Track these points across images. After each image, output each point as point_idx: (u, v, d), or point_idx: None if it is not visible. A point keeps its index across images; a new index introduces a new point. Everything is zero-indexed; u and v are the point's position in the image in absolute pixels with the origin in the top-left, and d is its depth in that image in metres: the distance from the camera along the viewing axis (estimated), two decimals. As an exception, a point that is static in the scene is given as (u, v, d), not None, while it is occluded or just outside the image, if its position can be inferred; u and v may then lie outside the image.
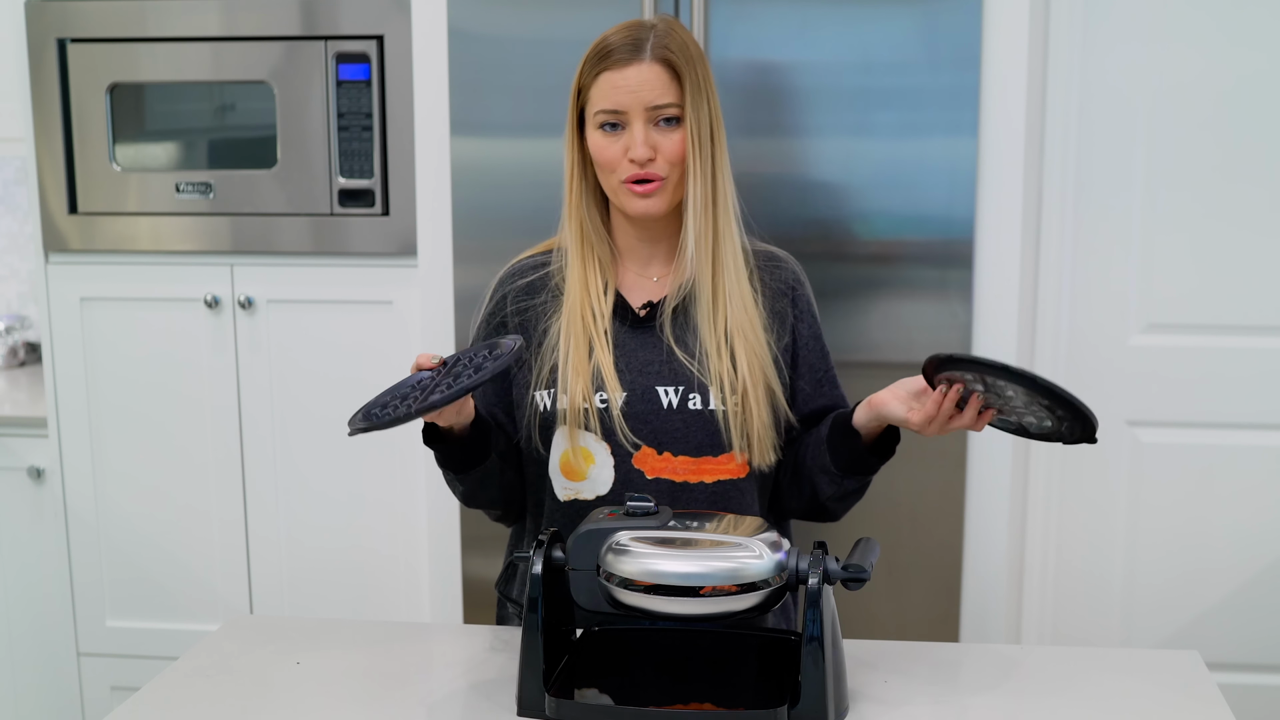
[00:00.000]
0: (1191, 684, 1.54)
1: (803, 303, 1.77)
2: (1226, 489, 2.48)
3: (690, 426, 1.68)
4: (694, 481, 1.69)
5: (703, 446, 1.68)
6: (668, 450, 1.69)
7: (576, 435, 1.68)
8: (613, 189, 1.68)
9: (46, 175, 2.60)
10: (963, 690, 1.55)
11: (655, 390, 1.69)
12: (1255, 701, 2.49)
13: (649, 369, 1.70)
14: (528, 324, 1.75)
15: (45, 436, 2.70)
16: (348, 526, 2.63)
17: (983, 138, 2.28)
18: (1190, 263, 2.44)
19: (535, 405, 1.71)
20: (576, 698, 1.45)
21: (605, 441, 1.68)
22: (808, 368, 1.76)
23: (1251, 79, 2.38)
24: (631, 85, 1.63)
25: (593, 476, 1.69)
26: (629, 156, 1.64)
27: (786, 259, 1.80)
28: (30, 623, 2.79)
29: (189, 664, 1.60)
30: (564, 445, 1.70)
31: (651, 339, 1.71)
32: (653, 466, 1.69)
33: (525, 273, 1.79)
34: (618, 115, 1.64)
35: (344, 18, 2.48)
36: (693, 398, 1.68)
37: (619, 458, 1.68)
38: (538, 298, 1.76)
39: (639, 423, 1.68)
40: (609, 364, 1.68)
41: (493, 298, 1.80)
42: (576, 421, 1.67)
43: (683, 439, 1.68)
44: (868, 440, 1.67)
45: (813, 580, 1.40)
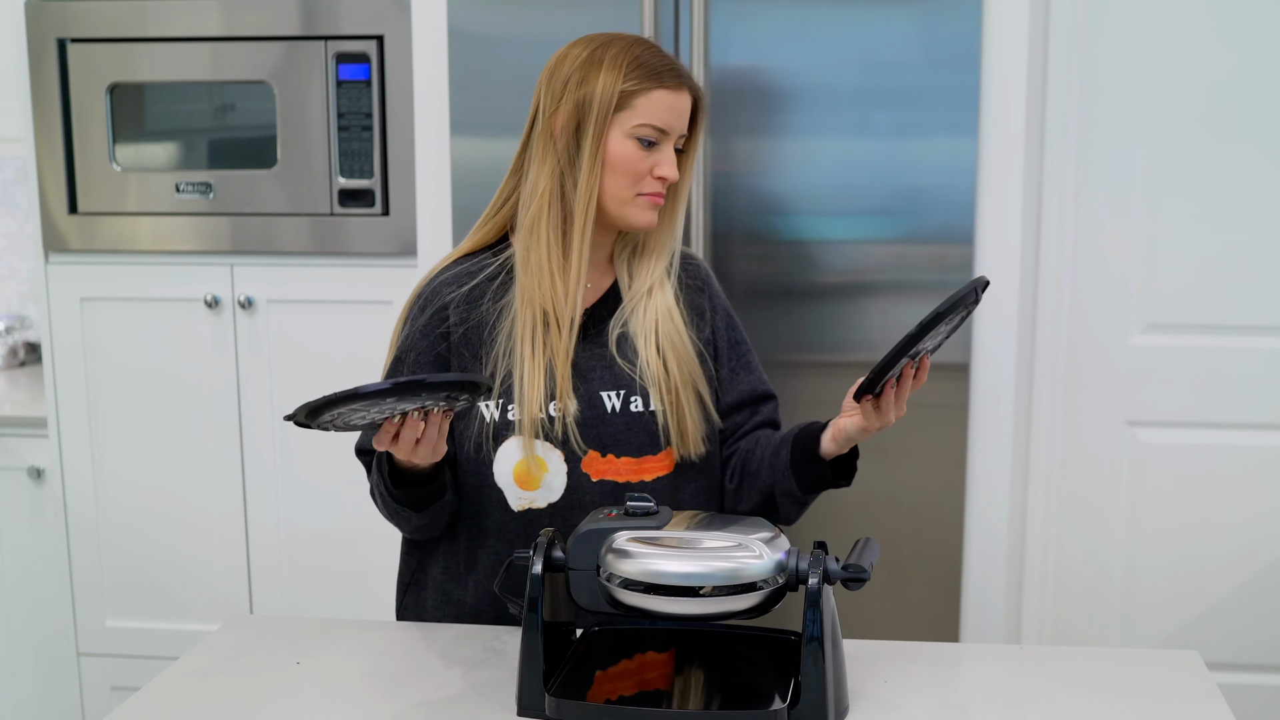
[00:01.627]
0: (1191, 684, 1.54)
1: (716, 296, 1.84)
2: (1226, 489, 2.48)
3: (632, 428, 1.72)
4: (635, 480, 1.72)
5: (643, 447, 1.73)
6: (611, 452, 1.72)
7: (533, 445, 1.69)
8: (623, 199, 1.70)
9: (46, 175, 2.60)
10: (963, 690, 1.55)
11: (600, 395, 1.72)
12: (1255, 701, 2.49)
13: (592, 375, 1.72)
14: (471, 335, 1.72)
15: (45, 436, 2.70)
16: (348, 527, 2.63)
17: (983, 138, 2.28)
18: (1190, 263, 2.44)
19: (481, 417, 1.71)
20: (576, 698, 1.45)
21: (559, 449, 1.70)
22: (726, 357, 1.82)
23: (1252, 79, 2.38)
24: (681, 110, 1.71)
25: (546, 484, 1.71)
26: (658, 173, 1.69)
27: (696, 258, 1.87)
28: (30, 623, 2.79)
29: (189, 664, 1.60)
30: (518, 455, 1.70)
31: (591, 346, 1.74)
32: (598, 469, 1.71)
33: (462, 280, 1.75)
34: (661, 134, 1.69)
35: (344, 18, 2.48)
36: (634, 400, 1.72)
37: (570, 463, 1.71)
38: (479, 306, 1.73)
39: (587, 428, 1.71)
40: (567, 375, 1.70)
41: (425, 309, 1.75)
42: (534, 431, 1.68)
43: (625, 441, 1.72)
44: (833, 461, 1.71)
45: (813, 580, 1.40)
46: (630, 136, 1.68)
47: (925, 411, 2.26)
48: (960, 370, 2.33)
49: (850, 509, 2.30)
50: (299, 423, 1.40)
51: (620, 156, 1.68)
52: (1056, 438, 2.51)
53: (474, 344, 1.72)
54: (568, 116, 1.69)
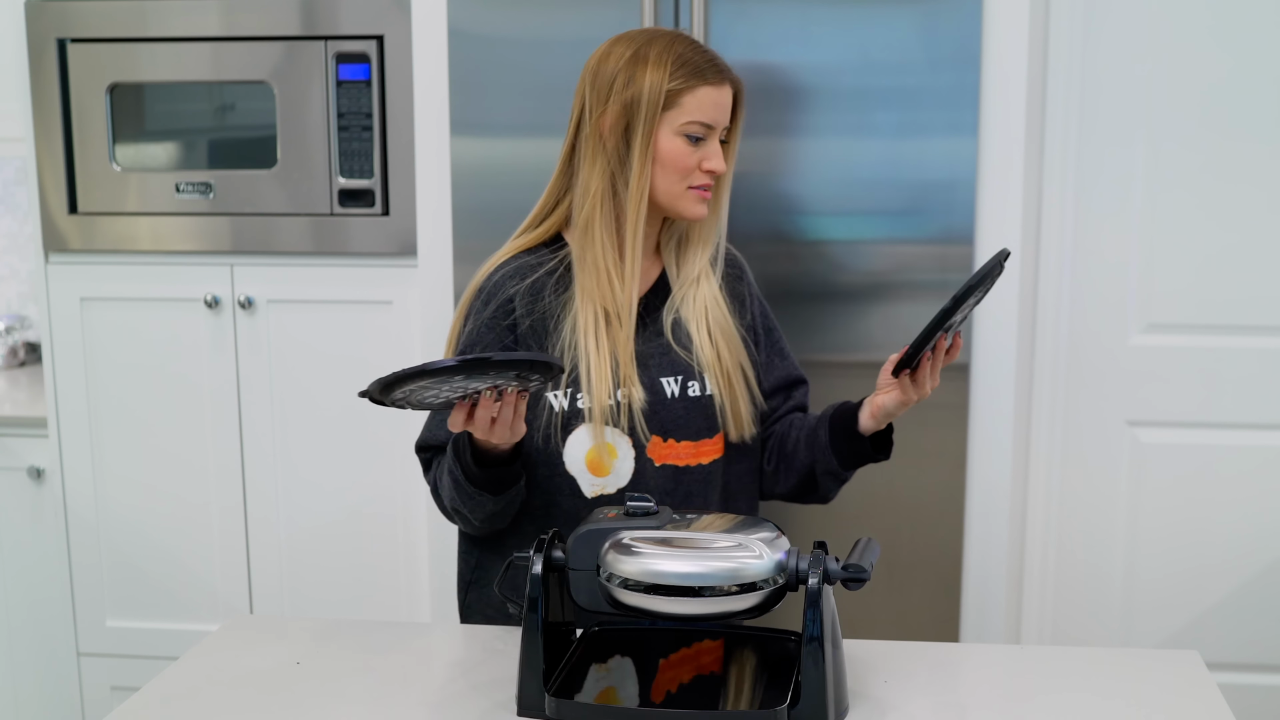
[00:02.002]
0: (1191, 684, 1.54)
1: (751, 285, 1.92)
2: (1226, 489, 2.48)
3: (690, 413, 1.78)
4: (693, 465, 1.78)
5: (700, 430, 1.79)
6: (672, 437, 1.77)
7: (603, 432, 1.74)
8: (675, 194, 1.76)
9: (46, 175, 2.60)
10: (963, 690, 1.55)
11: (660, 381, 1.78)
12: (1255, 701, 2.49)
13: (650, 362, 1.78)
14: (537, 326, 1.77)
15: (45, 436, 2.70)
16: (348, 527, 2.63)
17: (983, 138, 2.28)
18: (1190, 262, 2.44)
19: (550, 407, 1.75)
20: (576, 698, 1.45)
21: (627, 435, 1.75)
22: (763, 343, 1.89)
23: (1252, 79, 2.38)
24: (723, 104, 1.76)
25: (616, 470, 1.76)
26: (706, 167, 1.75)
27: (731, 249, 1.93)
28: (30, 623, 2.79)
29: (189, 664, 1.60)
30: (589, 443, 1.75)
31: (648, 334, 1.80)
32: (661, 454, 1.77)
33: (525, 273, 1.80)
34: (708, 129, 1.75)
35: (344, 18, 2.48)
36: (691, 385, 1.78)
37: (637, 449, 1.76)
38: (543, 299, 1.78)
39: (650, 414, 1.77)
40: (632, 367, 1.76)
41: (489, 303, 1.78)
42: (604, 419, 1.73)
43: (684, 425, 1.78)
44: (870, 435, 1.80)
45: (813, 580, 1.40)
46: (679, 134, 1.74)
47: (925, 411, 2.25)
48: (960, 370, 2.33)
49: (850, 509, 2.30)
50: (373, 399, 1.44)
51: (670, 153, 1.74)
52: (1056, 438, 2.51)
53: (540, 335, 1.77)
54: (616, 117, 1.73)
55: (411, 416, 2.58)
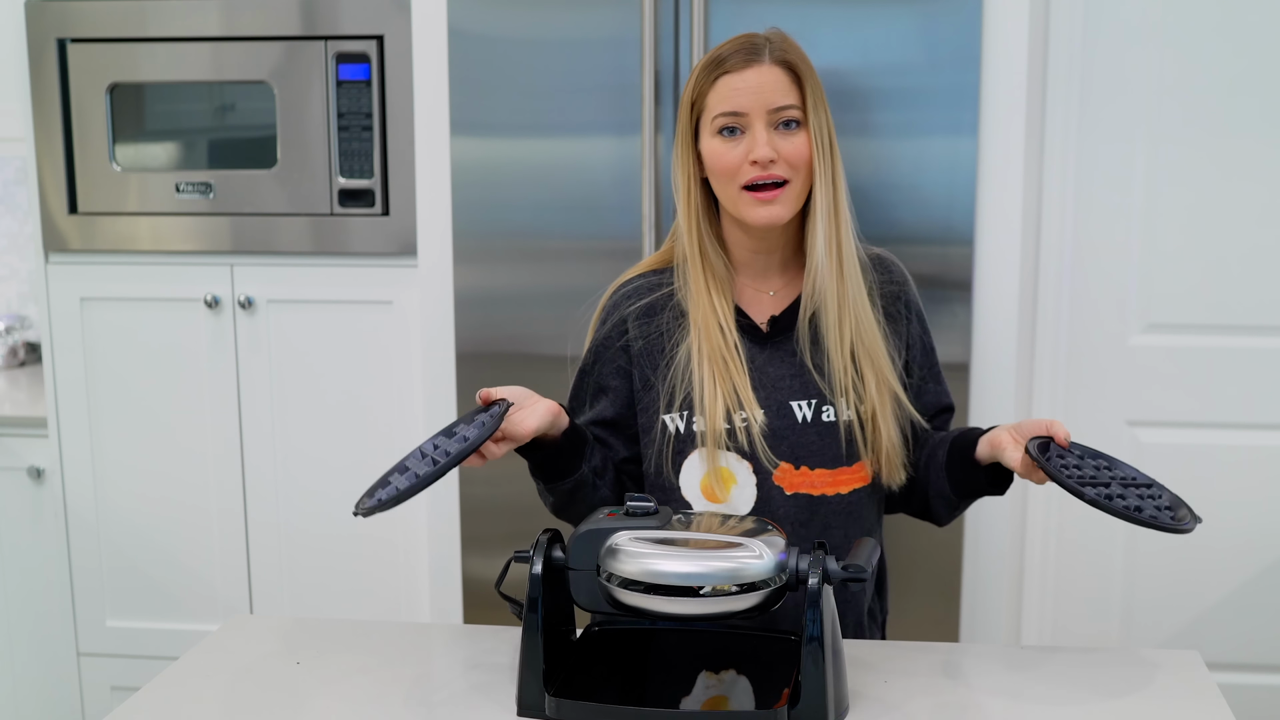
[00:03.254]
0: (1191, 684, 1.54)
1: (912, 304, 1.76)
2: (1226, 489, 2.48)
3: (825, 439, 1.67)
4: (830, 494, 1.68)
5: (838, 458, 1.67)
6: (805, 464, 1.67)
7: (717, 456, 1.65)
8: (732, 199, 1.64)
9: (46, 175, 2.60)
10: (963, 690, 1.55)
11: (789, 405, 1.67)
12: (1255, 701, 2.49)
13: (781, 384, 1.68)
14: (652, 347, 1.71)
15: (45, 436, 2.70)
16: (348, 527, 2.63)
17: (983, 138, 2.28)
18: (1190, 262, 2.44)
19: (666, 429, 1.69)
20: (576, 698, 1.45)
21: (746, 461, 1.66)
22: (916, 366, 1.76)
23: (1252, 78, 2.38)
24: (752, 86, 1.62)
25: (734, 497, 1.67)
26: (751, 158, 1.61)
27: (892, 258, 1.78)
28: (30, 623, 2.79)
29: (189, 664, 1.60)
30: (703, 468, 1.67)
31: (779, 354, 1.69)
32: (791, 482, 1.67)
33: (642, 294, 1.74)
34: (737, 118, 1.62)
35: (344, 18, 2.48)
36: (826, 410, 1.67)
37: (760, 475, 1.66)
38: (660, 317, 1.72)
39: (777, 439, 1.66)
40: (746, 384, 1.65)
41: (607, 320, 1.75)
42: (718, 443, 1.64)
43: (819, 452, 1.67)
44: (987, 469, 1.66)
45: (813, 580, 1.40)
46: (714, 134, 1.64)
47: (925, 411, 2.26)
48: (960, 370, 2.33)
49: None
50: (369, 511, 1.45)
51: (712, 156, 1.64)
52: (1056, 438, 2.51)
53: (654, 356, 1.71)
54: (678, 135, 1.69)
55: (410, 419, 2.58)
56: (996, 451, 1.61)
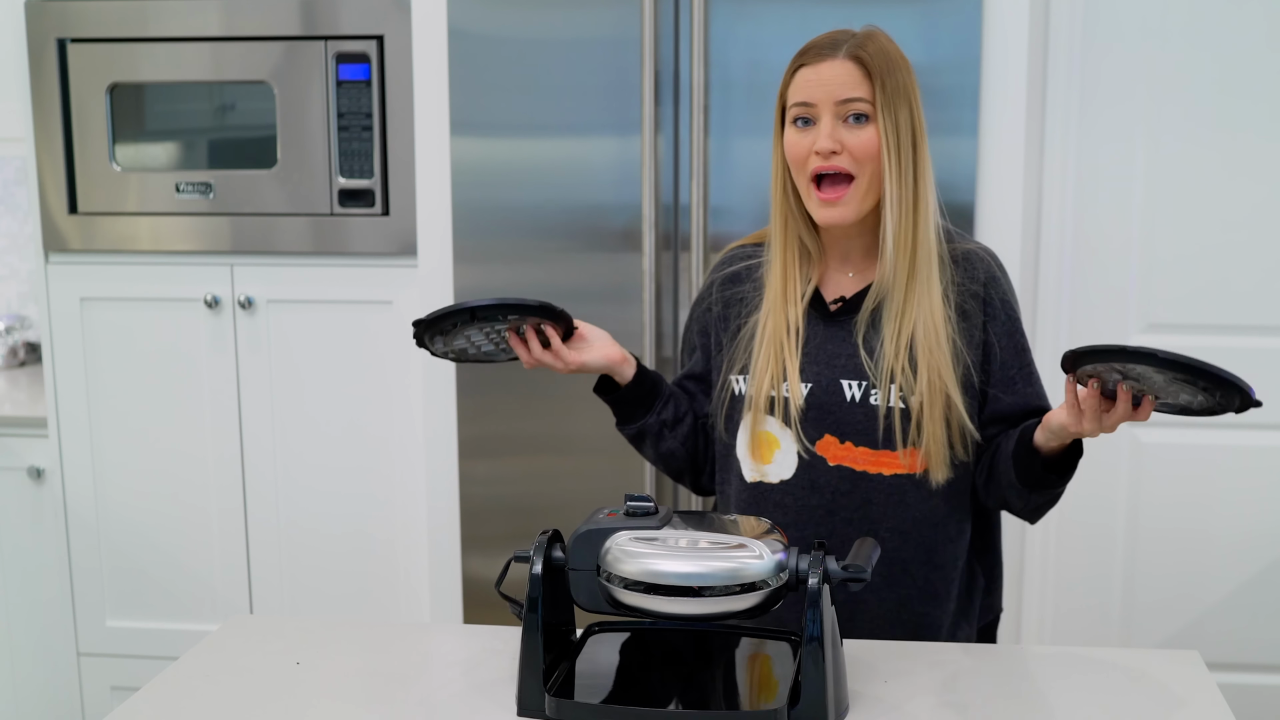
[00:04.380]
0: (1191, 684, 1.54)
1: (995, 301, 1.74)
2: (1226, 489, 2.48)
3: (871, 420, 1.71)
4: (873, 473, 1.72)
5: (880, 440, 1.71)
6: (849, 440, 1.72)
7: (761, 419, 1.74)
8: (804, 190, 1.70)
9: (46, 175, 2.60)
10: (963, 690, 1.55)
11: (839, 383, 1.73)
12: (1255, 701, 2.49)
13: (835, 362, 1.73)
14: (730, 312, 1.81)
15: (45, 436, 2.70)
16: (348, 527, 2.63)
17: (983, 138, 2.28)
18: (1190, 262, 2.44)
19: (729, 387, 1.79)
20: (576, 698, 1.45)
21: (788, 428, 1.73)
22: (998, 365, 1.74)
23: (1251, 78, 2.38)
24: (823, 79, 1.67)
25: (777, 461, 1.74)
26: (814, 149, 1.66)
27: (981, 256, 1.77)
28: (30, 623, 2.79)
29: (189, 664, 1.60)
30: (749, 430, 1.76)
31: (841, 333, 1.74)
32: (835, 454, 1.72)
33: (734, 261, 1.84)
34: (808, 109, 1.67)
35: (344, 18, 2.48)
36: (875, 393, 1.71)
37: (803, 444, 1.73)
38: (741, 287, 1.81)
39: (823, 413, 1.72)
40: (795, 364, 1.73)
41: (707, 281, 1.87)
42: (761, 408, 1.73)
43: (864, 431, 1.71)
44: (1050, 455, 1.64)
45: (813, 580, 1.40)
46: (791, 124, 1.70)
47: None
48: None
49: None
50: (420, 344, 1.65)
51: (786, 145, 1.71)
52: (1056, 438, 2.51)
53: (728, 321, 1.80)
54: None
55: (410, 419, 2.58)
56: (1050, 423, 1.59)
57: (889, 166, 1.67)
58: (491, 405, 2.45)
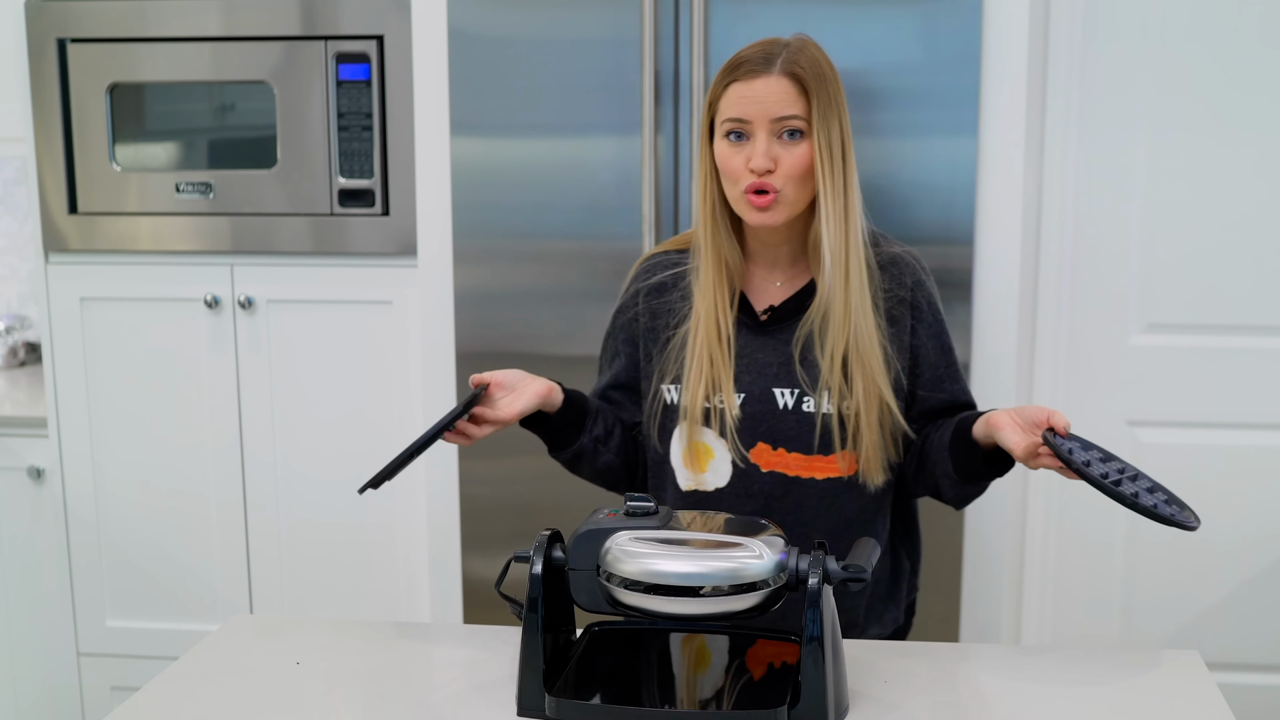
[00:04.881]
0: (1191, 684, 1.54)
1: (923, 304, 1.79)
2: (1226, 489, 2.48)
3: (804, 426, 1.74)
4: (806, 477, 1.75)
5: (814, 446, 1.75)
6: (782, 447, 1.75)
7: (696, 431, 1.75)
8: (735, 199, 1.72)
9: (46, 175, 2.60)
10: (963, 690, 1.55)
11: (772, 392, 1.75)
12: (1255, 701, 2.49)
13: (768, 371, 1.76)
14: (658, 322, 1.81)
15: (45, 436, 2.70)
16: (348, 527, 2.63)
17: (983, 138, 2.28)
18: (1190, 262, 2.44)
19: (660, 398, 1.80)
20: (576, 698, 1.45)
21: (723, 439, 1.76)
22: (927, 366, 1.80)
23: (1251, 78, 2.38)
24: (758, 96, 1.67)
25: (713, 470, 1.77)
26: (749, 167, 1.68)
27: (908, 260, 1.80)
28: (30, 623, 2.79)
29: (189, 664, 1.60)
30: (684, 441, 1.77)
31: (773, 343, 1.77)
32: (768, 461, 1.76)
33: (657, 270, 1.84)
34: (742, 125, 1.69)
35: (344, 18, 2.48)
36: (807, 400, 1.74)
37: (736, 453, 1.75)
38: (668, 296, 1.82)
39: (755, 422, 1.75)
40: (728, 375, 1.75)
41: (628, 289, 1.87)
42: (696, 419, 1.75)
43: (796, 438, 1.75)
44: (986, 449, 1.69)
45: (813, 580, 1.40)
46: (722, 137, 1.71)
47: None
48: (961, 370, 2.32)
49: (850, 509, 2.30)
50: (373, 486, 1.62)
51: (719, 158, 1.72)
52: (1056, 438, 2.51)
53: (658, 332, 1.81)
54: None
55: (409, 419, 2.59)
56: (993, 431, 1.64)
57: (823, 181, 1.69)
58: (491, 405, 2.45)
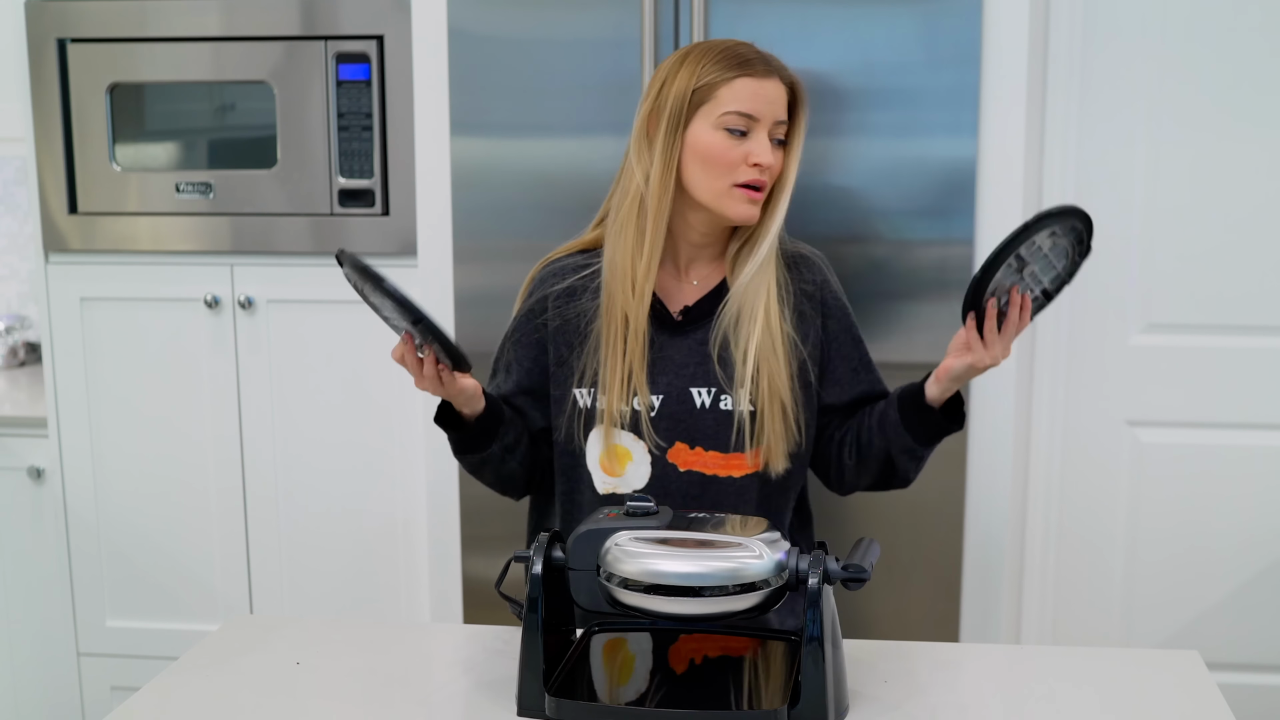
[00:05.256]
0: (1191, 684, 1.54)
1: (830, 300, 1.84)
2: (1226, 489, 2.48)
3: (720, 425, 1.76)
4: (723, 475, 1.76)
5: (729, 443, 1.77)
6: (699, 445, 1.76)
7: (613, 434, 1.75)
8: (717, 192, 1.71)
9: (46, 175, 2.60)
10: (963, 690, 1.55)
11: (689, 391, 1.76)
12: (1255, 701, 2.49)
13: (684, 371, 1.77)
14: (569, 327, 1.79)
15: (45, 436, 2.70)
16: (348, 527, 2.63)
17: (983, 138, 2.28)
18: (1190, 262, 2.44)
19: (575, 402, 1.78)
20: (576, 698, 1.45)
21: (641, 440, 1.76)
22: (841, 359, 1.84)
23: (1252, 78, 2.38)
24: (769, 96, 1.71)
25: (629, 472, 1.77)
26: (753, 161, 1.69)
27: (813, 259, 1.86)
28: (30, 623, 2.79)
29: (189, 664, 1.60)
30: (601, 444, 1.77)
31: (688, 342, 1.78)
32: (685, 460, 1.76)
33: (566, 274, 1.82)
34: (750, 121, 1.70)
35: (344, 18, 2.48)
36: (724, 399, 1.76)
37: (655, 455, 1.76)
38: (578, 301, 1.80)
39: (673, 422, 1.76)
40: (643, 374, 1.75)
41: (531, 295, 1.84)
42: (614, 422, 1.74)
43: (713, 436, 1.76)
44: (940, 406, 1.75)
45: (813, 580, 1.40)
46: (718, 127, 1.70)
47: (925, 411, 2.26)
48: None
49: (850, 509, 2.30)
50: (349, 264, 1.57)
51: (710, 147, 1.70)
52: (1056, 438, 2.51)
53: (569, 335, 1.79)
54: (654, 116, 1.73)
55: (410, 419, 2.59)
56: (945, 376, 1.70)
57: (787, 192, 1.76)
58: (491, 405, 2.45)
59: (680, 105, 1.71)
